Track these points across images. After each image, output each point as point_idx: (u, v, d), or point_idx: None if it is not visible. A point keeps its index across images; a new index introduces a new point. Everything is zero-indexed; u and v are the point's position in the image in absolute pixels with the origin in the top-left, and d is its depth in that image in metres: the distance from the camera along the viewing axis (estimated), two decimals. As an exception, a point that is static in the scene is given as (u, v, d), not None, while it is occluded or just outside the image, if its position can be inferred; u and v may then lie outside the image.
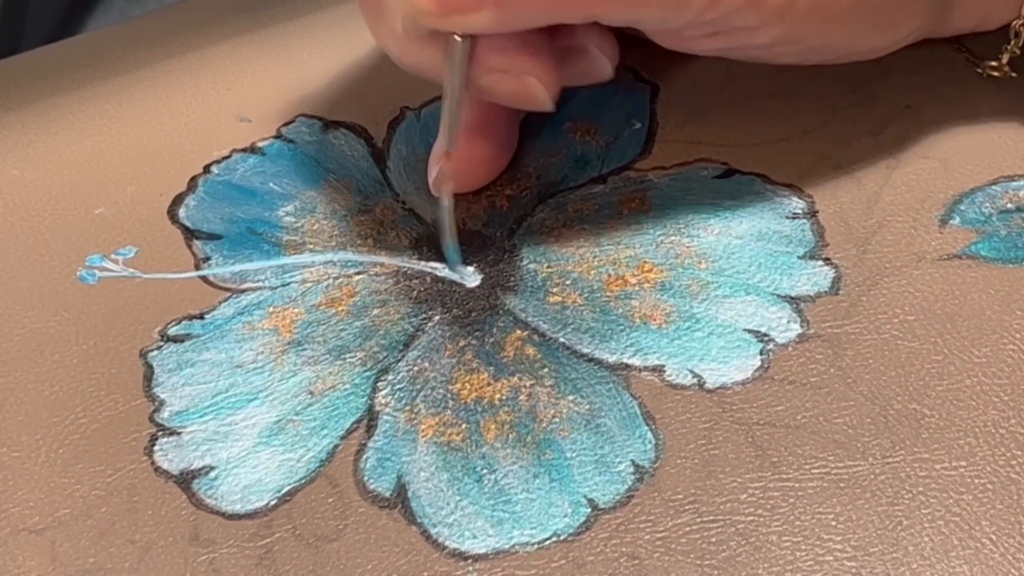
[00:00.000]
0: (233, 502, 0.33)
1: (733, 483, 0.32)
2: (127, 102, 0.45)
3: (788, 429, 0.33)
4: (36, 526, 0.33)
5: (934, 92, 0.41)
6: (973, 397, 0.33)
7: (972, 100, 0.40)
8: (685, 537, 0.31)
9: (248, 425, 0.35)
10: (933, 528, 0.31)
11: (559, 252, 0.38)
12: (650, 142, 0.41)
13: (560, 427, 0.34)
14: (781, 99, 0.41)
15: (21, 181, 0.43)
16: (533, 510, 0.32)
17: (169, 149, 0.43)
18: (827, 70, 0.40)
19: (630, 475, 0.33)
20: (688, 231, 0.38)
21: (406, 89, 0.43)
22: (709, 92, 0.42)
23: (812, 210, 0.38)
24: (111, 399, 0.36)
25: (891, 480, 0.31)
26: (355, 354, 0.36)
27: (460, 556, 0.32)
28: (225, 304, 0.38)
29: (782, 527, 0.31)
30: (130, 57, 0.48)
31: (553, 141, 0.41)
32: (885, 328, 0.35)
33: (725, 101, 0.42)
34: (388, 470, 0.33)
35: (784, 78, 0.41)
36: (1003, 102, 0.40)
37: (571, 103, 0.42)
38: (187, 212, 0.41)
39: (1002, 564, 0.30)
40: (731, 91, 0.42)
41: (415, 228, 0.40)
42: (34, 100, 0.46)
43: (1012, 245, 0.36)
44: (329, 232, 0.40)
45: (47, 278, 0.39)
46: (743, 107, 0.41)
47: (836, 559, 0.30)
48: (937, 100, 0.40)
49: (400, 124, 0.43)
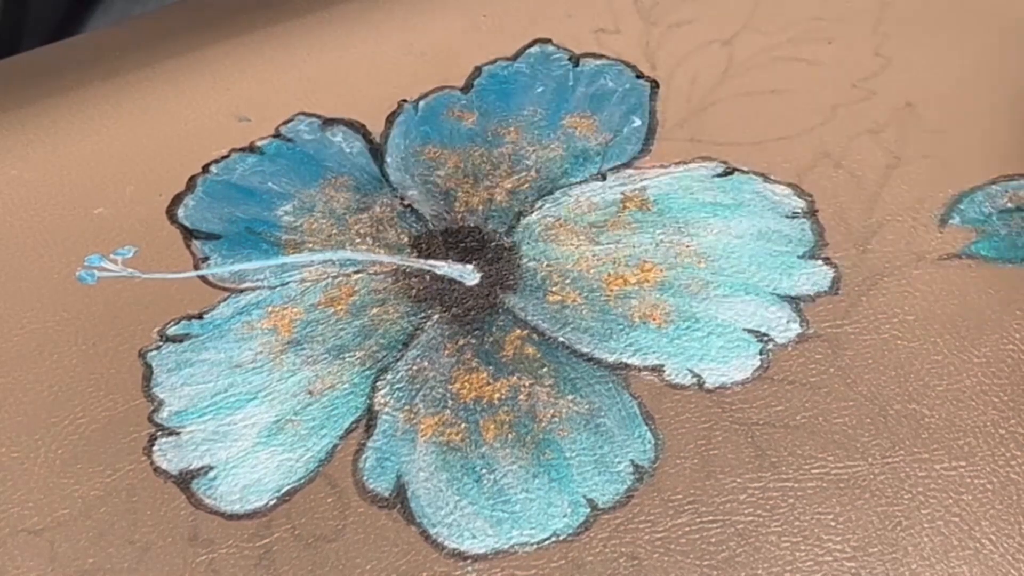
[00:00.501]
0: (232, 502, 0.33)
1: (732, 483, 0.32)
2: (126, 102, 0.45)
3: (787, 429, 0.33)
4: (35, 526, 0.33)
5: (934, 90, 0.41)
6: (973, 397, 0.33)
7: (972, 99, 0.40)
8: (684, 537, 0.31)
9: (247, 425, 0.35)
10: (932, 528, 0.31)
11: (558, 250, 0.38)
12: (650, 140, 0.41)
13: (559, 427, 0.34)
14: (781, 96, 0.41)
15: (20, 181, 0.43)
16: (532, 510, 0.32)
17: (168, 149, 0.43)
18: (827, 68, 0.40)
19: (629, 475, 0.32)
20: (688, 230, 0.38)
21: (403, 82, 0.43)
22: (709, 89, 0.42)
23: (812, 209, 0.38)
24: (110, 399, 0.36)
25: (891, 480, 0.31)
26: (354, 353, 0.36)
27: (459, 556, 0.32)
28: (224, 304, 0.38)
29: (781, 527, 0.31)
30: (130, 57, 0.48)
31: (552, 133, 0.41)
32: (885, 328, 0.35)
33: (725, 99, 0.42)
34: (387, 470, 0.33)
35: (784, 75, 0.41)
36: (1003, 102, 0.40)
37: (570, 98, 0.42)
38: (186, 212, 0.41)
39: (1001, 564, 0.30)
40: (731, 88, 0.42)
41: (414, 225, 0.40)
42: (34, 100, 0.46)
43: (1012, 244, 0.36)
44: (328, 231, 0.40)
45: (46, 278, 0.39)
46: (743, 104, 0.41)
47: (835, 559, 0.30)
48: (937, 98, 0.40)
49: (398, 117, 0.43)
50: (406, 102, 0.43)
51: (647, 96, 0.42)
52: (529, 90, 0.43)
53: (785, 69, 0.41)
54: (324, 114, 0.43)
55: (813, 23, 0.43)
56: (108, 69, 0.47)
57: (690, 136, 0.41)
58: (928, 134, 0.39)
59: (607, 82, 0.42)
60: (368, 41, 0.45)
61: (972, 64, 0.41)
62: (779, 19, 0.44)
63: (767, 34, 0.43)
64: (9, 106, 0.46)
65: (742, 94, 0.41)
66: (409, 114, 0.43)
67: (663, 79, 0.42)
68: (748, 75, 0.42)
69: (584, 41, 0.44)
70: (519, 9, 0.45)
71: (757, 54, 0.41)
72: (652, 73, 0.43)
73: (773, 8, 0.44)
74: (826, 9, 0.44)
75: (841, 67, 0.41)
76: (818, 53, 0.41)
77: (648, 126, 0.41)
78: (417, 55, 0.44)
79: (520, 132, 0.42)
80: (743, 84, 0.42)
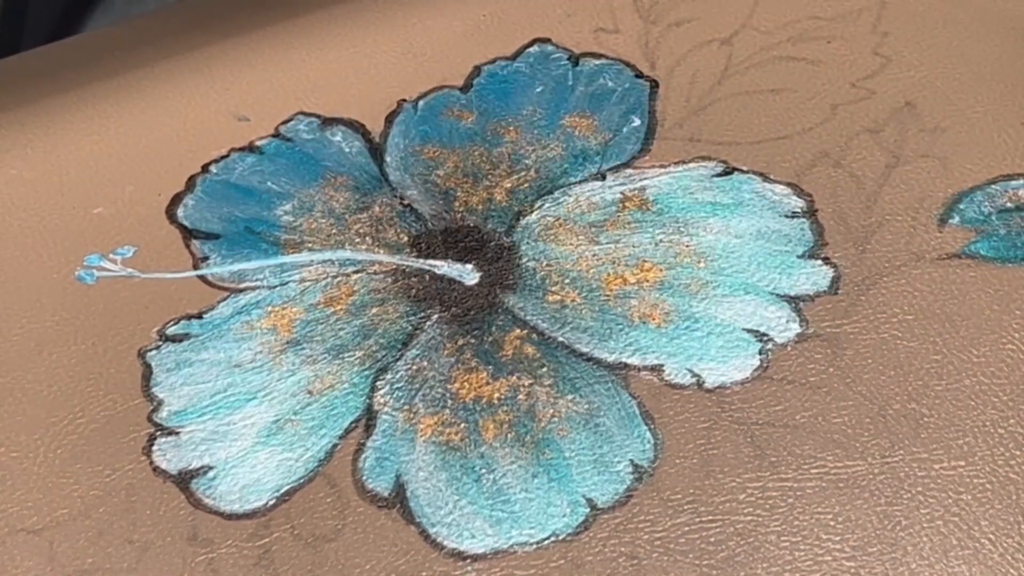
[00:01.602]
0: (231, 502, 0.33)
1: (732, 483, 0.32)
2: (126, 102, 0.45)
3: (787, 429, 0.33)
4: (34, 526, 0.33)
5: (934, 90, 0.41)
6: (972, 397, 0.33)
7: (972, 99, 0.40)
8: (684, 537, 0.31)
9: (247, 425, 0.35)
10: (932, 528, 0.31)
11: (558, 250, 0.38)
12: (649, 139, 0.41)
13: (559, 426, 0.34)
14: (780, 96, 0.41)
15: (20, 180, 0.43)
16: (532, 510, 0.32)
17: (167, 149, 0.43)
18: (826, 67, 0.40)
19: (629, 475, 0.32)
20: (687, 230, 0.38)
21: (403, 82, 0.43)
22: (708, 88, 0.42)
23: (811, 209, 0.38)
24: (109, 399, 0.36)
25: (890, 480, 0.31)
26: (354, 353, 0.36)
27: (459, 556, 0.32)
28: (223, 303, 0.38)
29: (781, 527, 0.31)
30: (129, 57, 0.48)
31: (551, 133, 0.41)
32: (884, 328, 0.35)
33: (724, 98, 0.42)
34: (387, 469, 0.33)
35: (783, 74, 0.41)
36: (1003, 101, 0.40)
37: (570, 97, 0.42)
38: (185, 212, 0.41)
39: (1000, 564, 0.30)
40: (730, 87, 0.42)
41: (413, 225, 0.40)
42: (34, 100, 0.46)
43: (1011, 244, 0.36)
44: (327, 231, 0.40)
45: (45, 278, 0.39)
46: (742, 104, 0.41)
47: (835, 559, 0.30)
48: (937, 98, 0.40)
49: (397, 117, 0.43)
50: (405, 102, 0.43)
51: (646, 95, 0.42)
52: (528, 90, 0.43)
53: (784, 68, 0.41)
54: (323, 114, 0.43)
55: (812, 22, 0.43)
56: (108, 69, 0.47)
57: (689, 136, 0.41)
58: (927, 134, 0.39)
59: (606, 81, 0.42)
60: (367, 41, 0.45)
61: (972, 64, 0.41)
62: (779, 18, 0.43)
63: (767, 33, 0.43)
64: (9, 106, 0.46)
65: (741, 93, 0.41)
66: (408, 114, 0.43)
67: (662, 78, 0.42)
68: (747, 74, 0.42)
69: (583, 40, 0.44)
70: (518, 9, 0.45)
71: (756, 53, 0.42)
72: (651, 72, 0.43)
73: (773, 7, 0.44)
74: (825, 8, 0.44)
75: (840, 66, 0.41)
76: (817, 52, 0.41)
77: (647, 126, 0.41)
78: (416, 55, 0.44)
79: (519, 132, 0.42)
80: (742, 83, 0.42)
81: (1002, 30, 0.42)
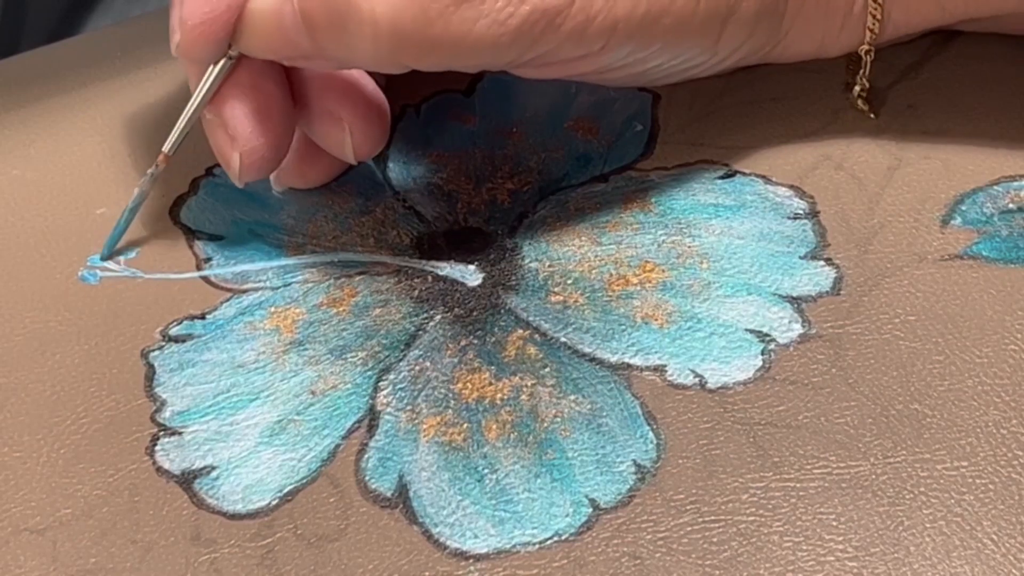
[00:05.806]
0: (234, 502, 0.33)
1: (734, 483, 0.32)
2: (127, 102, 0.45)
3: (789, 429, 0.33)
4: (37, 526, 0.33)
5: (936, 92, 0.41)
6: (975, 397, 0.33)
7: (974, 100, 0.40)
8: (687, 537, 0.31)
9: (249, 425, 0.35)
10: (935, 528, 0.31)
11: (561, 251, 0.38)
12: (651, 143, 0.41)
13: (561, 427, 0.34)
14: (782, 103, 0.41)
15: (22, 181, 0.43)
16: (534, 510, 0.32)
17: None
18: (827, 74, 0.40)
19: (631, 475, 0.33)
20: (690, 231, 0.38)
21: (406, 87, 0.43)
22: (710, 99, 0.42)
23: (813, 211, 0.38)
24: (112, 399, 0.36)
25: (892, 480, 0.31)
26: (356, 354, 0.36)
27: (461, 556, 0.32)
28: (226, 304, 0.38)
29: (783, 527, 0.31)
30: (130, 57, 0.48)
31: (553, 137, 0.42)
32: (886, 328, 0.35)
33: (726, 107, 0.42)
34: (389, 470, 0.33)
35: (785, 84, 0.41)
36: (1004, 102, 0.40)
37: (572, 104, 0.42)
38: (189, 213, 0.41)
39: (1003, 564, 0.30)
40: (732, 98, 0.42)
41: (416, 227, 0.40)
42: (34, 100, 0.46)
43: (1014, 245, 0.36)
44: (330, 234, 0.40)
45: (48, 278, 0.39)
46: (744, 112, 0.41)
47: (837, 559, 0.30)
48: (939, 100, 0.41)
49: (400, 122, 0.43)
50: (408, 106, 0.43)
51: (649, 104, 0.42)
52: (531, 95, 0.43)
53: (786, 78, 0.41)
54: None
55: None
56: (108, 69, 0.47)
57: (692, 140, 0.41)
58: (929, 135, 0.40)
59: (608, 91, 0.42)
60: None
61: (972, 64, 0.42)
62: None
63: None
64: (9, 106, 0.46)
65: (743, 103, 0.42)
66: (411, 119, 0.43)
67: (664, 91, 0.42)
68: (749, 87, 0.42)
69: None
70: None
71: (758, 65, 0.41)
72: (652, 86, 0.43)
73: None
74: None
75: (842, 74, 0.41)
76: (819, 62, 0.41)
77: (650, 130, 0.41)
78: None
79: (522, 135, 0.42)
80: (744, 95, 0.42)
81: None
